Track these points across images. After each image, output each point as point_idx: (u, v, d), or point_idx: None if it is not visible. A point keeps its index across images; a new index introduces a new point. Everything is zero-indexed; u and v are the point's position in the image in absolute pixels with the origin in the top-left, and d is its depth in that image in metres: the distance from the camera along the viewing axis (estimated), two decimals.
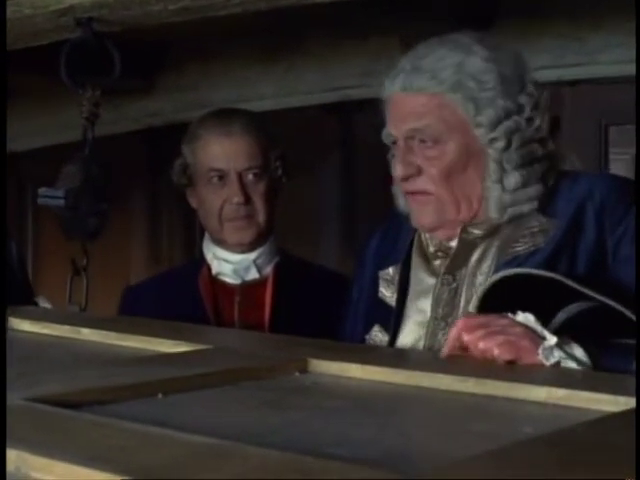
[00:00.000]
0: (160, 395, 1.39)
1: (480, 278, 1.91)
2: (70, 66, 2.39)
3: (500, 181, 1.91)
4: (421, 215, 1.96)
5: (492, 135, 1.89)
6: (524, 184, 1.91)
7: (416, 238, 2.06)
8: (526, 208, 1.92)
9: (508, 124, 1.90)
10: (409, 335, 1.97)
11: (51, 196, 2.33)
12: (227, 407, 1.38)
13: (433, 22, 3.03)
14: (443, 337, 1.87)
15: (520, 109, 1.91)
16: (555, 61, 3.11)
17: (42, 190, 2.35)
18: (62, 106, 3.57)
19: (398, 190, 2.02)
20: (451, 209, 1.93)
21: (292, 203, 2.60)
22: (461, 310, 1.91)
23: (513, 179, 1.90)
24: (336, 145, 4.19)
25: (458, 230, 1.96)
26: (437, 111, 1.90)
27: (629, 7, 2.79)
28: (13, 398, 1.25)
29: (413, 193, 1.95)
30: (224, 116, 2.51)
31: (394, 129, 1.95)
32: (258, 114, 2.64)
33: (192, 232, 4.59)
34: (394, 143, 1.97)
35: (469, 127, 1.90)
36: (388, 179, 2.05)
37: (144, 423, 1.18)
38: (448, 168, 1.90)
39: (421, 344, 1.95)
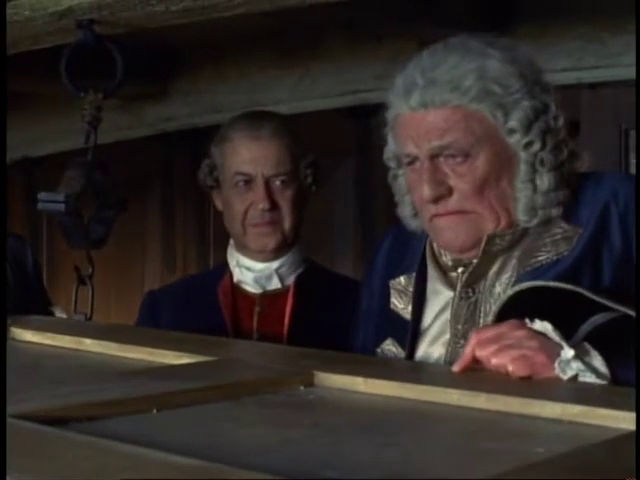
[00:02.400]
0: (154, 410, 1.34)
1: (499, 289, 1.83)
2: (72, 69, 2.35)
3: (532, 181, 1.81)
4: (454, 235, 1.85)
5: (527, 139, 1.80)
6: (555, 187, 1.82)
7: (428, 246, 1.97)
8: (554, 212, 1.82)
9: (540, 125, 1.81)
10: (427, 352, 1.90)
11: (51, 201, 2.29)
12: (223, 424, 1.32)
13: (450, 25, 2.98)
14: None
15: (546, 108, 1.82)
16: (574, 63, 3.06)
17: (42, 195, 2.31)
18: (76, 111, 3.55)
19: (417, 213, 1.93)
20: (490, 224, 1.83)
21: (306, 209, 2.54)
22: (481, 325, 1.82)
23: (547, 180, 1.81)
24: (352, 150, 4.14)
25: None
26: (463, 123, 1.79)
27: None
28: (6, 415, 1.20)
29: (446, 214, 1.84)
30: (255, 119, 2.45)
31: (414, 148, 1.82)
32: (290, 119, 2.58)
33: (206, 242, 4.56)
34: (410, 164, 1.86)
35: (499, 135, 1.80)
36: None
37: (132, 441, 1.12)
38: (481, 182, 1.80)
39: (441, 362, 1.87)
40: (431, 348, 1.89)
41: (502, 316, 1.65)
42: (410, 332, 1.91)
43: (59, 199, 2.26)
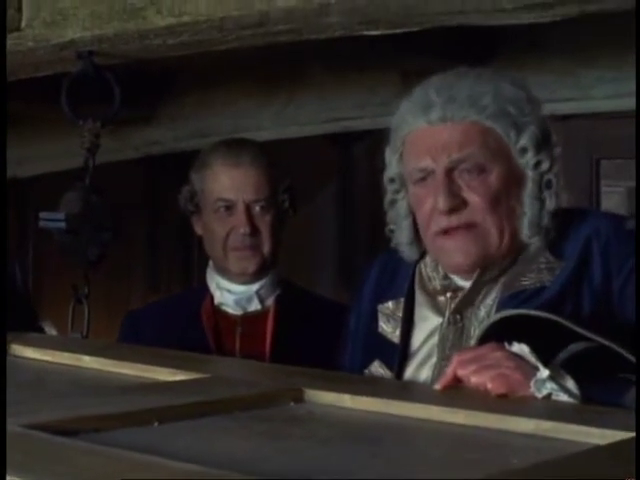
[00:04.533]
0: (156, 423, 1.41)
1: (483, 312, 1.90)
2: (71, 98, 2.44)
3: (539, 199, 1.88)
4: (463, 257, 1.89)
5: (537, 158, 1.87)
6: (555, 213, 1.89)
7: (417, 272, 2.03)
8: (552, 235, 1.89)
9: (549, 147, 1.90)
10: (415, 374, 1.95)
11: (52, 219, 2.38)
12: (221, 436, 1.40)
13: (431, 58, 3.07)
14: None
15: (550, 134, 1.92)
16: (549, 95, 3.14)
17: (43, 214, 2.40)
18: (65, 133, 3.61)
19: (413, 241, 1.98)
20: (494, 243, 1.88)
21: (289, 232, 2.63)
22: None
23: (554, 200, 1.89)
24: (334, 175, 4.22)
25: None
26: (480, 138, 1.86)
27: (622, 44, 2.84)
28: (10, 424, 1.28)
29: (456, 228, 1.88)
30: (234, 146, 2.53)
31: (431, 162, 1.87)
32: (273, 145, 2.67)
33: (190, 262, 4.62)
34: (421, 180, 1.90)
35: (510, 154, 1.88)
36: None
37: (137, 451, 1.20)
38: (494, 197, 1.86)
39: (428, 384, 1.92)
40: (419, 371, 1.95)
41: (485, 340, 1.71)
42: (398, 355, 1.96)
43: (60, 217, 2.35)
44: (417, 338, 1.97)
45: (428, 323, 1.97)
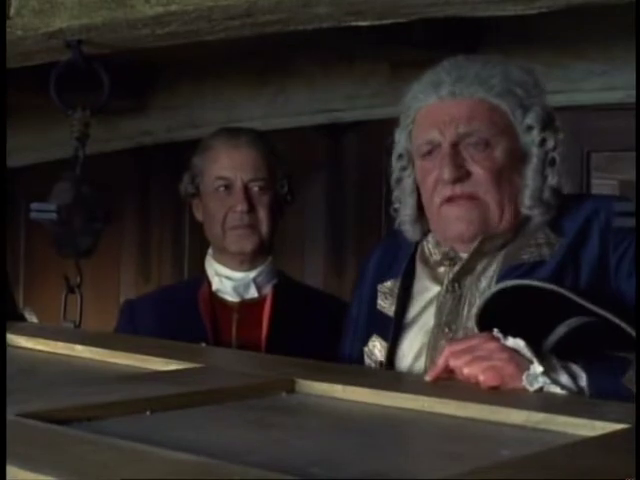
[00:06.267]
0: (148, 412, 1.43)
1: (484, 282, 1.94)
2: (60, 88, 2.44)
3: (542, 174, 1.94)
4: (465, 226, 1.94)
5: (543, 135, 1.94)
6: (559, 188, 1.95)
7: (419, 250, 2.07)
8: (551, 213, 1.94)
9: (553, 128, 1.96)
10: (411, 343, 1.99)
11: (43, 210, 2.38)
12: (213, 425, 1.41)
13: (420, 48, 3.08)
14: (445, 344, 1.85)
15: (554, 118, 1.98)
16: None
17: (34, 205, 2.40)
18: (54, 123, 3.62)
19: (417, 219, 2.03)
20: (495, 215, 1.93)
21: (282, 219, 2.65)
22: (465, 317, 1.92)
23: (557, 177, 1.94)
24: (323, 165, 4.23)
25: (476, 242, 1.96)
26: (488, 114, 1.93)
27: (611, 37, 2.86)
28: (6, 413, 1.29)
29: (459, 197, 1.93)
30: (234, 132, 2.61)
31: (438, 135, 1.94)
32: (267, 134, 2.72)
33: (181, 252, 4.62)
34: (428, 153, 1.96)
35: (516, 132, 1.94)
36: (375, 199, 2.06)
37: (130, 440, 1.22)
38: (498, 171, 1.92)
39: (423, 352, 1.96)
40: (414, 339, 1.98)
41: (486, 310, 1.74)
42: (393, 325, 1.99)
43: (51, 209, 2.35)
44: (414, 309, 2.01)
45: (427, 293, 2.01)
